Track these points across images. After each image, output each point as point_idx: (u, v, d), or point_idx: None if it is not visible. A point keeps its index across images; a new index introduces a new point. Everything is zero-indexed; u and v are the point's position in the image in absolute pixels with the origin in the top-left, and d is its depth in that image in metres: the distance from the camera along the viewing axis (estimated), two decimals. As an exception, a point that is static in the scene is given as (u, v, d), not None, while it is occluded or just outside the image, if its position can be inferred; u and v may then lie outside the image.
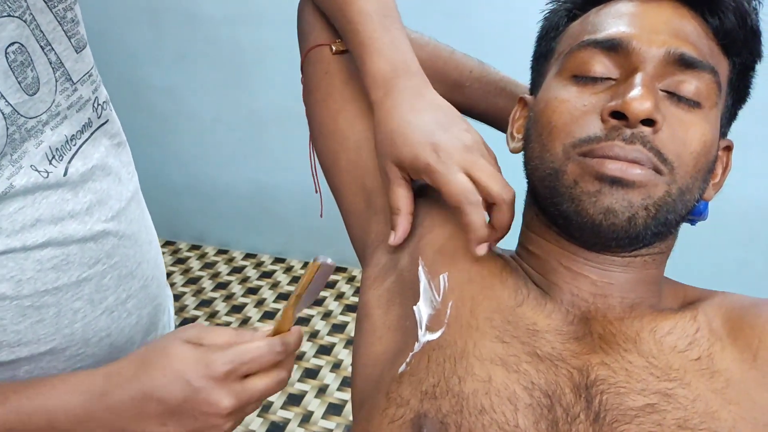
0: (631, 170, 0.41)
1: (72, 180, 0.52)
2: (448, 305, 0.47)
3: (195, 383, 0.41)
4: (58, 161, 0.51)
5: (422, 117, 0.50)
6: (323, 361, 1.78)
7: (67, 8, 0.51)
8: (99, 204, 0.54)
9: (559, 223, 0.47)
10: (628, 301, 0.47)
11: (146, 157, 2.30)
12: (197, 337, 0.44)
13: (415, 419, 0.41)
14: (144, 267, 0.60)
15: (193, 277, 2.17)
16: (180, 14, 1.91)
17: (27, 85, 0.48)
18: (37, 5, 0.48)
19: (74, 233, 0.52)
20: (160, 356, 0.43)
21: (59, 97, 0.51)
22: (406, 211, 0.51)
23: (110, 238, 0.55)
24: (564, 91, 0.46)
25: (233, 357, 0.42)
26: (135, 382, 0.43)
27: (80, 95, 0.53)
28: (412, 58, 0.54)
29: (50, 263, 0.50)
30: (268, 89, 1.93)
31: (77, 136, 0.53)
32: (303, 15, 0.64)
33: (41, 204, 0.49)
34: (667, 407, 0.40)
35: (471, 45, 1.05)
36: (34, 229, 0.49)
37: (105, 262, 0.55)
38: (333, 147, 0.59)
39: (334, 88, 0.59)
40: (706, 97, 0.44)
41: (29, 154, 0.48)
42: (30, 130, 0.48)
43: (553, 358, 0.43)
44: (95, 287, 0.54)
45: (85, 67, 0.54)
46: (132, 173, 0.62)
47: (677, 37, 0.44)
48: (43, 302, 0.50)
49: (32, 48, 0.48)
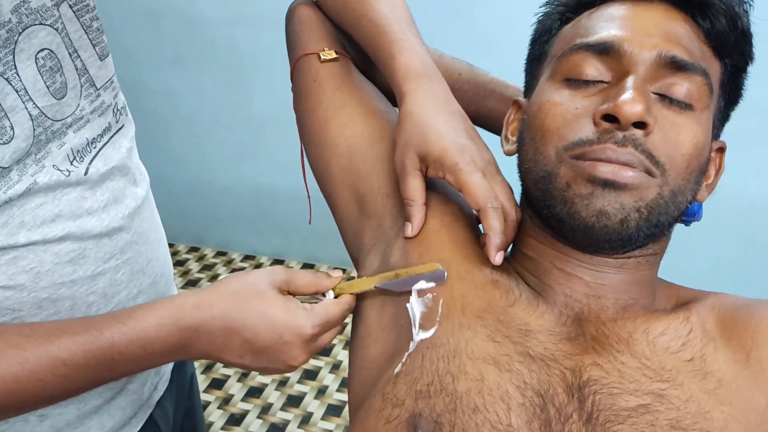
0: (623, 173, 0.42)
1: (92, 179, 0.54)
2: (438, 303, 0.47)
3: (285, 337, 0.46)
4: (79, 162, 0.53)
5: (453, 119, 0.52)
6: (322, 363, 1.78)
7: (93, 18, 0.55)
8: (115, 202, 0.57)
9: (552, 226, 0.47)
10: (622, 302, 0.47)
11: (145, 159, 2.30)
12: (286, 283, 0.48)
13: (410, 419, 0.41)
14: (154, 264, 0.62)
15: (192, 279, 2.17)
16: (177, 17, 1.91)
17: (55, 90, 0.50)
18: (68, 15, 0.51)
19: (91, 229, 0.54)
20: (253, 298, 0.46)
21: (83, 102, 0.53)
22: (420, 202, 0.52)
23: (124, 234, 0.57)
24: (556, 95, 0.46)
25: (319, 321, 0.47)
26: (227, 316, 0.46)
27: (103, 101, 0.56)
28: (434, 64, 0.56)
29: (67, 257, 0.52)
30: (266, 91, 1.93)
31: (98, 139, 0.55)
32: (291, 24, 0.65)
33: (61, 200, 0.51)
34: (660, 408, 0.40)
35: (470, 45, 1.05)
36: (53, 224, 0.51)
37: (119, 258, 0.57)
38: (324, 154, 0.59)
39: (323, 95, 0.60)
40: (698, 99, 0.45)
41: (52, 154, 0.50)
42: (55, 132, 0.51)
43: (545, 358, 0.43)
44: (109, 282, 0.56)
45: (108, 74, 0.57)
46: (144, 174, 0.65)
47: (669, 40, 0.45)
48: (60, 294, 0.52)
49: (62, 54, 0.51)
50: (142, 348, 0.46)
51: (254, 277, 0.48)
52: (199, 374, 1.74)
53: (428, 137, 0.50)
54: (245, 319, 0.46)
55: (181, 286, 2.13)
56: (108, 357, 0.45)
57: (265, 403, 1.65)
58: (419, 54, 0.55)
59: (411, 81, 0.53)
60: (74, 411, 0.57)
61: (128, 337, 0.45)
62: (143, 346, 0.46)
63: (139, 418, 0.64)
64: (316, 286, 0.50)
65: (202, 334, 0.46)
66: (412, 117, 0.52)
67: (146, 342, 0.46)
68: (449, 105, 0.53)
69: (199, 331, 0.46)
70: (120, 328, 0.45)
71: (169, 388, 0.69)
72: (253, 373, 1.74)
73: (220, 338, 0.46)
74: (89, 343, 0.45)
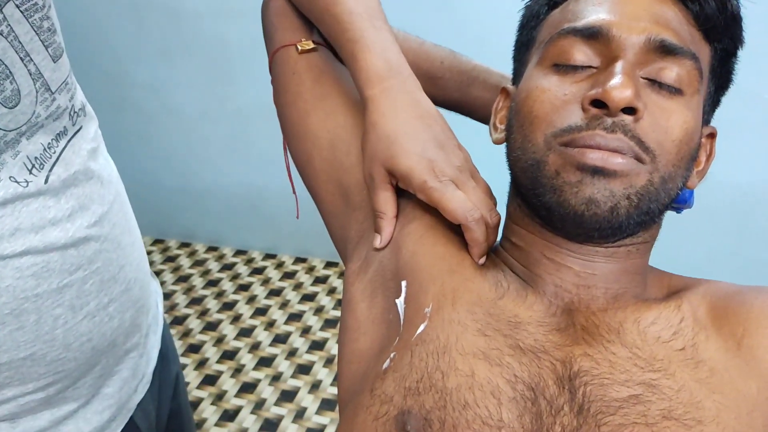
0: (613, 159, 0.41)
1: (54, 187, 0.51)
2: (428, 299, 0.46)
3: None
4: (39, 170, 0.50)
5: (419, 128, 0.50)
6: (316, 357, 1.78)
7: (43, 17, 0.51)
8: (81, 209, 0.54)
9: (541, 215, 0.46)
10: (612, 291, 0.47)
11: (132, 154, 2.29)
12: None
13: (398, 416, 0.40)
14: (127, 270, 0.60)
15: (183, 275, 2.16)
16: (162, 9, 1.89)
17: (6, 98, 0.47)
18: (15, 16, 0.47)
19: (55, 241, 0.51)
20: None
21: (39, 108, 0.50)
22: (391, 215, 0.51)
23: (92, 243, 0.54)
24: (545, 81, 0.45)
25: None
26: None
27: (58, 105, 0.53)
28: (403, 60, 0.54)
29: (29, 271, 0.49)
30: (255, 85, 1.91)
31: (53, 144, 0.52)
32: (266, 17, 0.63)
33: (21, 213, 0.49)
34: (652, 398, 0.40)
35: (458, 36, 1.04)
36: (13, 238, 0.48)
37: (86, 268, 0.54)
38: (306, 148, 0.58)
39: (303, 87, 0.59)
40: (688, 83, 0.44)
41: (7, 165, 0.47)
42: (8, 143, 0.48)
43: (535, 350, 0.42)
44: (76, 293, 0.53)
45: (62, 76, 0.53)
46: (113, 175, 0.62)
47: (658, 24, 0.44)
48: (23, 309, 0.50)
49: (11, 60, 0.47)
50: None
51: None
52: (192, 370, 1.73)
53: (393, 152, 0.49)
54: None
55: (172, 283, 2.11)
56: None
57: (259, 398, 1.64)
58: (383, 52, 0.52)
59: (373, 84, 0.51)
60: (48, 416, 0.55)
61: None
62: None
63: (119, 422, 0.62)
64: None
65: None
66: (377, 128, 0.50)
67: None
68: (416, 108, 0.51)
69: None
70: None
71: (151, 389, 0.68)
72: (246, 368, 1.74)
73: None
74: None
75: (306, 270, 2.17)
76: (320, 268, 2.18)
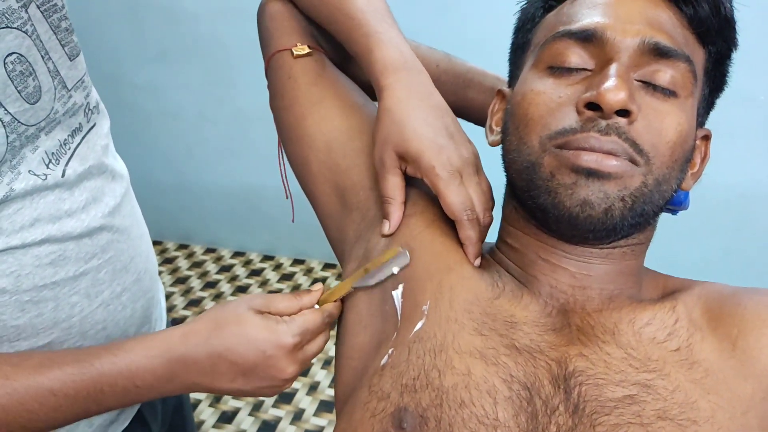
0: (607, 162, 0.41)
1: (69, 180, 0.53)
2: (425, 296, 0.46)
3: (268, 352, 0.47)
4: (56, 164, 0.52)
5: (432, 116, 0.51)
6: (314, 358, 1.78)
7: (62, 18, 0.53)
8: (95, 201, 0.56)
9: (537, 216, 0.47)
10: (607, 292, 0.47)
11: (130, 155, 2.27)
12: (265, 306, 0.50)
13: (395, 413, 0.41)
14: (137, 261, 0.62)
15: (182, 277, 2.16)
16: (160, 10, 1.89)
17: (28, 94, 0.49)
18: (36, 16, 0.50)
19: (71, 230, 0.53)
20: (233, 323, 0.48)
21: (57, 104, 0.52)
22: (399, 201, 0.51)
23: (105, 233, 0.57)
24: (540, 83, 0.46)
25: (299, 330, 0.49)
26: (210, 343, 0.47)
27: (74, 101, 0.55)
28: (415, 56, 0.55)
29: (48, 259, 0.51)
30: (253, 86, 1.90)
31: (69, 140, 0.54)
32: (262, 21, 0.64)
33: (39, 204, 0.51)
34: (647, 398, 0.40)
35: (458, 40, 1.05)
36: (32, 228, 0.50)
37: (100, 257, 0.56)
38: (302, 151, 0.59)
39: (299, 91, 0.59)
40: (682, 86, 0.44)
41: (27, 159, 0.50)
42: (29, 137, 0.50)
43: (531, 350, 0.43)
44: (91, 281, 0.55)
45: (78, 74, 0.56)
46: (122, 170, 0.64)
47: (652, 27, 0.44)
48: (42, 297, 0.51)
49: (33, 58, 0.49)
50: (130, 380, 0.46)
51: (234, 304, 0.50)
52: (190, 372, 1.73)
53: (406, 136, 0.49)
54: (227, 342, 0.47)
55: (170, 284, 2.11)
56: (97, 389, 0.46)
57: (257, 400, 1.64)
58: (397, 46, 0.54)
59: (389, 74, 0.52)
60: None
61: (118, 368, 0.46)
62: (132, 377, 0.46)
63: (127, 414, 0.64)
64: (299, 304, 0.51)
65: (189, 364, 0.47)
66: (391, 113, 0.51)
67: (135, 373, 0.46)
68: (429, 99, 0.52)
69: (186, 362, 0.47)
70: (110, 359, 0.46)
71: None
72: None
73: (207, 366, 0.47)
74: (79, 374, 0.45)
75: (304, 271, 2.17)
76: (318, 269, 2.18)
